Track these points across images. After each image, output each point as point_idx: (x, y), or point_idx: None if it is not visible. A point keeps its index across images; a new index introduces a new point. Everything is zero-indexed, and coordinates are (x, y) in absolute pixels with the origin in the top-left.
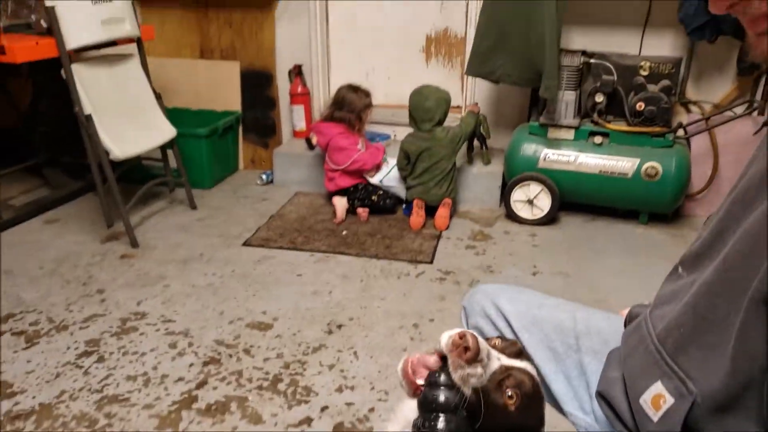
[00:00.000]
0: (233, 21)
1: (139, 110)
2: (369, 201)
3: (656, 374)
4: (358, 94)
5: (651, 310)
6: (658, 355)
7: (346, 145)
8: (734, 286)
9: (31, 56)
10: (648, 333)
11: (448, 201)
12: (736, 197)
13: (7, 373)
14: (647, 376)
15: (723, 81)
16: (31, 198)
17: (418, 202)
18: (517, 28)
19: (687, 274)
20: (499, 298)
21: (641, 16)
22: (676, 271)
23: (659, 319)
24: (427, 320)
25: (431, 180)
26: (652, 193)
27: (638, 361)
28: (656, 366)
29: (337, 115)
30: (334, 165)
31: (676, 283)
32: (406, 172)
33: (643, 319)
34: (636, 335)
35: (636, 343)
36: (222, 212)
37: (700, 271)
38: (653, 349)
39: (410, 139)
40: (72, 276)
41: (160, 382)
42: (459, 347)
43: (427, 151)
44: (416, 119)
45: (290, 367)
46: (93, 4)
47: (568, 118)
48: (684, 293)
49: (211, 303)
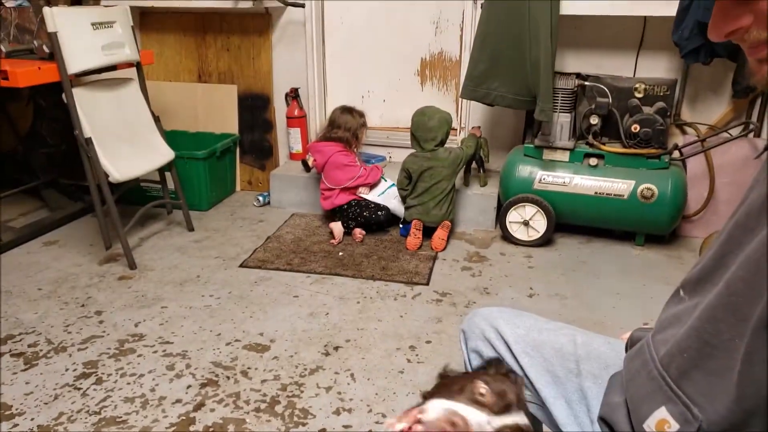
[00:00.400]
0: (231, 46)
1: (138, 133)
2: (361, 218)
3: (660, 399)
4: (353, 115)
5: (653, 334)
6: (661, 380)
7: (347, 161)
8: (737, 312)
9: (34, 81)
10: (651, 357)
11: (448, 223)
12: (738, 221)
13: (6, 395)
14: (651, 401)
15: (718, 102)
16: (30, 220)
17: (417, 223)
18: (512, 52)
19: (689, 297)
20: (499, 321)
21: (635, 38)
22: (678, 294)
23: (662, 343)
24: (424, 342)
25: (431, 200)
26: (648, 215)
27: (641, 386)
28: (660, 391)
29: (333, 135)
30: (333, 184)
31: (677, 307)
32: (406, 192)
33: (646, 344)
34: (638, 359)
35: (638, 367)
36: (219, 234)
37: (702, 295)
38: (656, 374)
39: (412, 159)
40: (70, 297)
41: (158, 404)
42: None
43: (429, 170)
44: (419, 139)
45: (287, 389)
46: (94, 30)
47: (563, 140)
48: (687, 317)
49: (209, 324)
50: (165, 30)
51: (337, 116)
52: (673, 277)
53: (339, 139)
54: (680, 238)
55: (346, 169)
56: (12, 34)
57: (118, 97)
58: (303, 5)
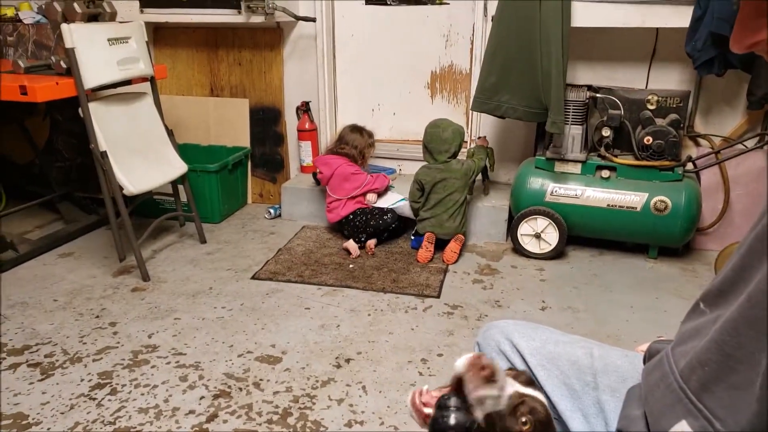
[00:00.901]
0: (242, 60)
1: (152, 147)
2: (369, 227)
3: (680, 413)
4: (361, 134)
5: (673, 347)
6: (681, 393)
7: (353, 170)
8: (759, 325)
9: (51, 96)
10: (670, 370)
11: (461, 237)
12: (759, 234)
13: (24, 404)
14: (671, 415)
15: (732, 114)
16: (46, 232)
17: (430, 236)
18: (523, 64)
19: (710, 310)
20: (514, 334)
21: (647, 50)
22: (698, 307)
23: (682, 355)
24: (435, 355)
25: (444, 212)
26: (661, 227)
27: (661, 399)
28: (680, 404)
29: (340, 150)
30: (339, 195)
31: (698, 320)
32: (418, 205)
33: (665, 356)
34: (657, 372)
35: (658, 380)
36: (231, 246)
37: (723, 308)
38: (676, 387)
39: (425, 170)
40: (85, 309)
41: (172, 414)
42: (476, 366)
43: (442, 182)
44: (432, 151)
45: (299, 401)
46: (110, 46)
47: (575, 152)
48: (707, 330)
49: (221, 336)
50: (178, 45)
51: (346, 134)
52: (687, 291)
53: (345, 154)
54: (694, 251)
55: (352, 178)
56: (30, 50)
57: (133, 111)
58: (314, 20)
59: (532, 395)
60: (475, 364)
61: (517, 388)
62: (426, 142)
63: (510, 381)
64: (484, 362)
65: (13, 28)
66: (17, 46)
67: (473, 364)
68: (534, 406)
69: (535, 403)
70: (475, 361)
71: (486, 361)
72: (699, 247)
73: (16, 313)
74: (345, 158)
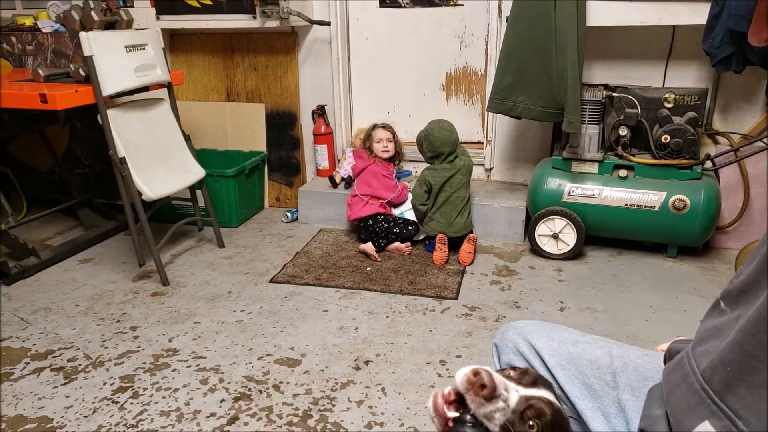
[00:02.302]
0: (258, 65)
1: (170, 152)
2: (392, 234)
3: (703, 413)
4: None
5: (693, 346)
6: (704, 394)
7: (385, 173)
8: None
9: (71, 103)
10: (692, 370)
11: (473, 236)
12: None
13: (48, 408)
14: (693, 415)
15: (751, 111)
16: (66, 238)
17: (442, 237)
18: (538, 64)
19: (731, 309)
20: (532, 335)
21: (664, 48)
22: (719, 306)
23: (703, 355)
24: (454, 357)
25: (453, 210)
26: (680, 226)
27: (683, 399)
28: (703, 404)
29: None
30: (365, 192)
31: (719, 319)
32: (425, 207)
33: (686, 356)
34: (679, 372)
35: (679, 380)
36: (249, 250)
37: (745, 307)
38: (698, 387)
39: (431, 172)
40: (106, 313)
41: (193, 417)
42: (475, 385)
43: (449, 181)
44: (441, 154)
45: (319, 403)
46: (128, 53)
47: (592, 151)
48: (729, 329)
49: (240, 339)
50: (194, 51)
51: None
52: (707, 290)
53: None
54: (714, 249)
55: (382, 180)
56: (49, 59)
57: (150, 118)
58: (329, 23)
59: (538, 396)
60: (472, 382)
61: (522, 392)
62: (437, 146)
63: (513, 387)
64: (482, 381)
65: (32, 37)
66: (36, 54)
67: (470, 382)
68: (540, 409)
69: (542, 404)
70: (472, 379)
71: (484, 377)
72: (719, 245)
73: (39, 318)
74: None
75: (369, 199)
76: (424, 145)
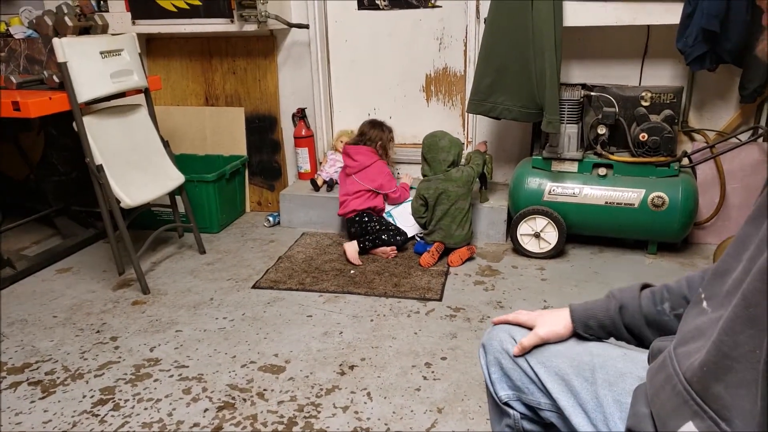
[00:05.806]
0: (237, 69)
1: (148, 158)
2: (379, 240)
3: (687, 414)
4: (382, 129)
5: (675, 347)
6: (687, 395)
7: (386, 171)
8: (756, 324)
9: (45, 111)
10: (674, 371)
11: (473, 248)
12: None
13: (25, 423)
14: (677, 416)
15: (726, 108)
16: (43, 248)
17: (439, 246)
18: (517, 65)
19: (712, 310)
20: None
21: (640, 47)
22: (700, 304)
23: (685, 356)
24: (439, 359)
25: (452, 223)
26: (659, 223)
27: (667, 401)
28: (686, 405)
29: (361, 140)
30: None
31: (700, 319)
32: (424, 219)
33: (668, 356)
34: (662, 373)
35: (663, 381)
36: (231, 256)
37: (726, 308)
38: (681, 389)
39: (425, 184)
40: (85, 324)
41: (176, 428)
42: None
43: (445, 193)
44: (431, 161)
45: (304, 409)
46: (103, 59)
47: (571, 150)
48: (711, 330)
49: (223, 347)
50: (171, 55)
51: (367, 129)
52: None
53: (370, 142)
54: (693, 245)
55: (383, 175)
56: (22, 65)
57: (128, 124)
58: (307, 26)
59: None
60: None
61: None
62: (424, 152)
63: None
64: None
65: (4, 43)
66: (9, 61)
67: None
68: None
69: None
70: None
71: None
72: (697, 241)
73: (15, 330)
74: (370, 149)
75: (363, 193)
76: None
